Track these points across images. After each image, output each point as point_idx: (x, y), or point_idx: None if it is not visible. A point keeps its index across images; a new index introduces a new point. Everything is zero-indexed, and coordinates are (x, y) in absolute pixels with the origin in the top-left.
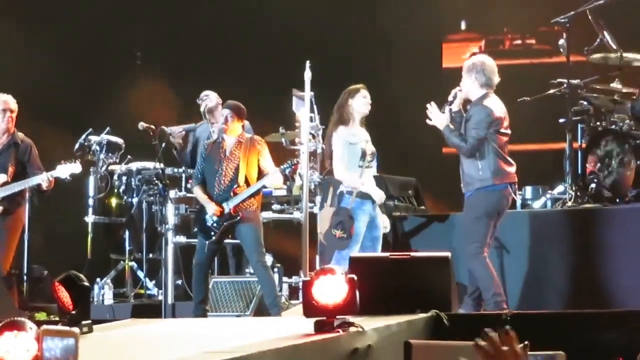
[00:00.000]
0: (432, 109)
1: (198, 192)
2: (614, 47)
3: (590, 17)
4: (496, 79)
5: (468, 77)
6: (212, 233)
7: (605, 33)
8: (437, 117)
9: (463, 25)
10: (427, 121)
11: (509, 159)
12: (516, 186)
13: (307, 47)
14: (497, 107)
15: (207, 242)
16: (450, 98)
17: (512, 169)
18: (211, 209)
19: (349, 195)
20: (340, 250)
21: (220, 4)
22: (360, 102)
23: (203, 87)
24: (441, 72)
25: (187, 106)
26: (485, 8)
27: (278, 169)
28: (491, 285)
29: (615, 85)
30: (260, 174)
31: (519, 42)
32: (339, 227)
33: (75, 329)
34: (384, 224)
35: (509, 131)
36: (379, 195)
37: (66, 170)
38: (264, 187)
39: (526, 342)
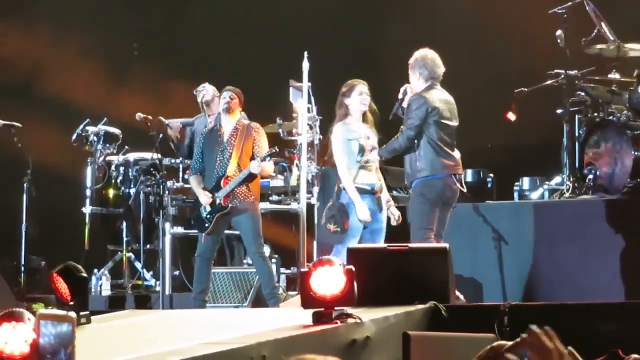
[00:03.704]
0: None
1: (193, 182)
2: (612, 38)
3: (587, 8)
4: (440, 70)
5: (412, 74)
6: (206, 225)
7: (603, 24)
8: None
9: None
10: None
11: (447, 151)
12: (461, 176)
13: (306, 38)
14: (436, 97)
15: (202, 233)
16: (400, 95)
17: (452, 162)
18: (203, 198)
19: (346, 191)
20: (337, 244)
21: None
22: (356, 100)
23: (201, 78)
24: None
25: (184, 98)
26: None
27: (259, 158)
28: None
29: (613, 75)
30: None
31: None
32: (331, 221)
33: (72, 314)
34: (394, 216)
35: (451, 122)
36: (362, 214)
37: None
38: (252, 175)
39: (570, 348)
